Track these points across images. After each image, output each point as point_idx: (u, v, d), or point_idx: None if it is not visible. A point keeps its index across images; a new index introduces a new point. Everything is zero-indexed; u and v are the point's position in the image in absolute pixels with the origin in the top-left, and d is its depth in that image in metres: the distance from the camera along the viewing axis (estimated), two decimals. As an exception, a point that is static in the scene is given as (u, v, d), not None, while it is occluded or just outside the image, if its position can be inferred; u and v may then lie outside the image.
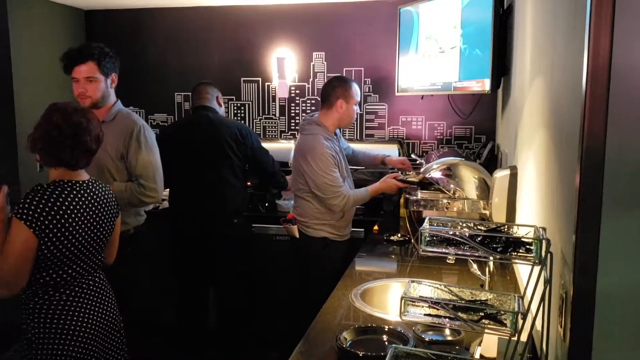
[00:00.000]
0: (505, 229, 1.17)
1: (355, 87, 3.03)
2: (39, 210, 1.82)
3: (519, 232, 1.15)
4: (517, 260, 1.09)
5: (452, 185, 2.59)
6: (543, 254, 1.06)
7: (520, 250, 1.10)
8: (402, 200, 3.33)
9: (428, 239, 1.15)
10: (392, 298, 2.18)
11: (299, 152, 3.03)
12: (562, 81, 1.26)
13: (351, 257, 2.70)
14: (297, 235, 3.06)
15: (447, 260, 2.26)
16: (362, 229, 3.46)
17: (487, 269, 2.04)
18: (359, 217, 3.51)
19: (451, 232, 1.13)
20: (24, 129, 3.70)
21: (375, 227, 3.30)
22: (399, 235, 3.00)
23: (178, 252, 3.35)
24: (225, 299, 3.42)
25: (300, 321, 2.23)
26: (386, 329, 1.66)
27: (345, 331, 1.62)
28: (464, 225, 1.20)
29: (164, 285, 3.56)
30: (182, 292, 3.42)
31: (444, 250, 1.14)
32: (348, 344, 1.56)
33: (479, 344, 1.51)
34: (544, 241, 1.06)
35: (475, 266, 2.11)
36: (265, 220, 3.67)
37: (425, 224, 1.18)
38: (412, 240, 2.81)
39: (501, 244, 1.10)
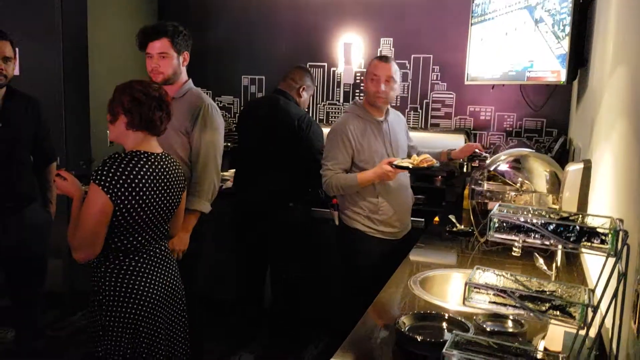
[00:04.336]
0: (579, 219, 1.13)
1: (372, 62, 2.88)
2: (116, 177, 1.90)
3: (593, 222, 1.10)
4: (590, 251, 1.05)
5: (519, 178, 2.51)
6: (619, 245, 1.01)
7: (595, 241, 1.05)
8: (466, 192, 3.26)
9: (497, 225, 1.12)
10: (453, 288, 2.14)
11: None
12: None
13: (398, 258, 2.48)
14: (337, 222, 3.03)
15: (513, 253, 2.21)
16: (423, 219, 3.42)
17: (554, 264, 1.98)
18: (419, 207, 3.47)
19: (522, 219, 1.09)
20: (97, 106, 3.85)
21: (436, 219, 3.23)
22: (462, 226, 2.93)
23: (238, 231, 3.43)
24: (280, 279, 3.47)
25: (352, 308, 2.22)
26: (446, 317, 1.64)
27: (404, 316, 1.61)
28: (535, 213, 1.16)
29: (224, 262, 3.65)
30: (240, 270, 3.50)
31: (513, 237, 1.11)
32: (407, 328, 1.55)
33: (542, 338, 1.47)
34: (621, 232, 1.01)
35: (541, 260, 2.05)
36: (323, 205, 3.68)
37: (495, 210, 1.15)
38: (476, 233, 2.75)
39: (574, 233, 1.06)
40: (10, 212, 2.85)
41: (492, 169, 2.60)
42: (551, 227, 1.07)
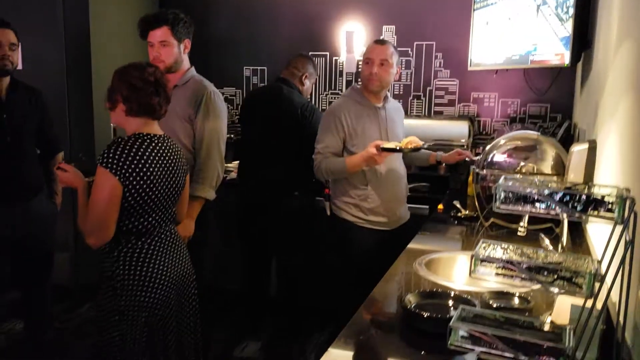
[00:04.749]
0: (586, 189, 1.12)
1: (367, 46, 2.85)
2: (122, 158, 1.91)
3: (600, 192, 1.10)
4: (597, 219, 1.04)
5: (521, 163, 2.50)
6: (626, 213, 1.01)
7: (601, 210, 1.04)
8: (470, 178, 3.25)
9: (503, 195, 1.11)
10: (458, 269, 2.14)
11: None
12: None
13: (391, 249, 2.39)
14: (328, 213, 3.00)
15: (518, 234, 2.21)
16: (427, 206, 3.41)
17: (559, 245, 1.97)
18: (423, 195, 3.47)
19: (528, 189, 1.09)
20: (100, 99, 3.84)
21: (440, 206, 3.21)
22: (466, 212, 2.93)
23: (242, 221, 3.43)
24: (286, 269, 3.47)
25: (356, 297, 2.19)
26: (452, 295, 1.63)
27: (410, 294, 1.61)
28: (541, 184, 1.15)
29: (229, 252, 3.66)
30: (246, 259, 3.51)
31: (519, 207, 1.10)
32: (412, 306, 1.55)
33: (549, 314, 1.47)
34: (627, 200, 1.01)
35: (547, 241, 2.05)
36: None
37: (501, 181, 1.15)
38: (481, 217, 2.74)
39: (581, 202, 1.05)
40: (16, 203, 2.86)
41: (493, 153, 2.61)
42: (557, 196, 1.06)
